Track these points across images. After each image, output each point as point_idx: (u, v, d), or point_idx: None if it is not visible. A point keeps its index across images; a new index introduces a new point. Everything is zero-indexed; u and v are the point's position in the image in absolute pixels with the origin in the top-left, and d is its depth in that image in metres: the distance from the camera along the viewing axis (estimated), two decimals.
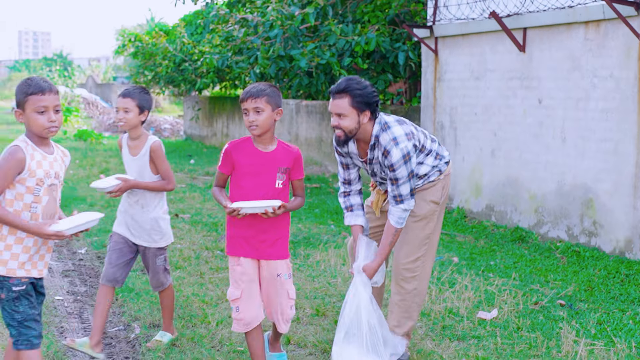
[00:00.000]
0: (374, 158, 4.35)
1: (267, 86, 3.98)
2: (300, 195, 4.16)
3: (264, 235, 4.03)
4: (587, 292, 6.22)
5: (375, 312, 4.26)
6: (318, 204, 10.08)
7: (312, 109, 14.11)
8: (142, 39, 19.92)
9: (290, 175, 4.07)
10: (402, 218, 4.34)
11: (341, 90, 4.17)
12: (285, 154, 4.05)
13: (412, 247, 4.54)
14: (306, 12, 10.64)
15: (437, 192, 4.54)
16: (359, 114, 4.17)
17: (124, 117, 4.57)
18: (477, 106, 9.13)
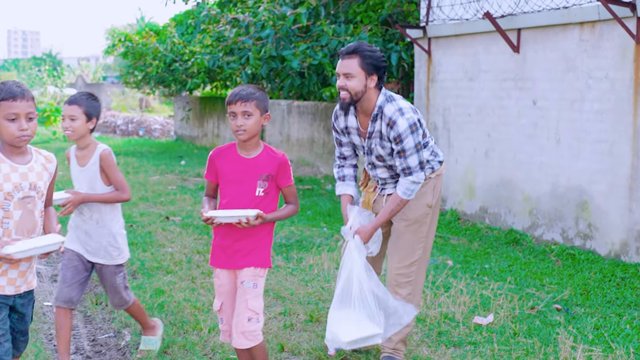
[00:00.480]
0: (374, 131, 4.27)
1: (257, 89, 3.83)
2: (292, 202, 3.96)
3: (240, 245, 3.83)
4: (583, 296, 6.16)
5: (371, 278, 4.19)
6: (310, 206, 9.99)
7: (304, 110, 14.01)
8: (132, 39, 19.78)
9: (277, 183, 3.86)
10: (409, 189, 4.26)
11: (351, 52, 4.18)
12: (268, 160, 3.83)
13: (405, 251, 4.46)
14: (298, 12, 10.54)
15: (429, 194, 4.46)
16: (367, 77, 4.16)
17: (71, 126, 4.29)
18: (471, 107, 9.06)
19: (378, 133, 4.27)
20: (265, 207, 3.81)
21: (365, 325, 4.14)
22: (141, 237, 7.83)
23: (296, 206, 3.96)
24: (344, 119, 4.42)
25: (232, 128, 3.80)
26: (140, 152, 17.34)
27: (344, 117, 4.41)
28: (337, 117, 4.48)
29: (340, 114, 4.44)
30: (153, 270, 6.51)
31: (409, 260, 4.46)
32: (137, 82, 21.48)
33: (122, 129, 25.67)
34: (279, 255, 7.08)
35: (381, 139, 4.27)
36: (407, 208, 4.41)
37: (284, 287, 6.04)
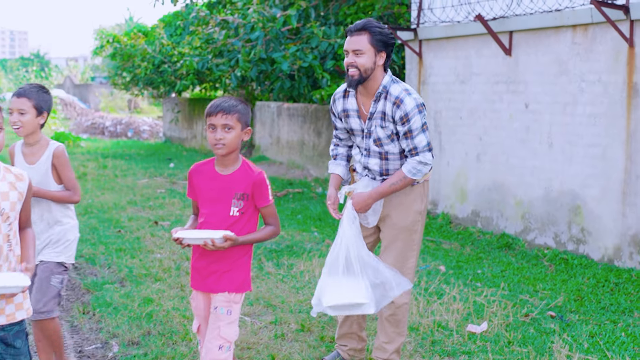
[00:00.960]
0: (375, 112, 4.19)
1: (239, 102, 3.60)
2: (272, 223, 3.68)
3: (214, 267, 3.59)
4: (577, 302, 6.09)
5: (360, 246, 4.13)
6: (301, 210, 9.90)
7: (294, 112, 13.93)
8: (121, 40, 19.62)
9: (254, 202, 3.60)
10: (416, 169, 4.19)
11: (360, 28, 4.13)
12: (243, 178, 3.58)
13: (398, 261, 4.37)
14: (288, 14, 10.45)
15: (418, 201, 4.37)
16: (376, 54, 4.11)
17: (19, 120, 3.98)
18: (462, 110, 8.99)
19: (380, 114, 4.19)
20: (240, 228, 3.57)
21: (349, 293, 4.07)
22: (129, 242, 7.72)
23: (276, 227, 3.70)
24: (342, 102, 4.34)
25: (210, 141, 3.58)
26: (129, 154, 17.21)
27: (343, 100, 4.33)
28: (335, 100, 4.40)
29: (338, 97, 4.37)
30: (141, 277, 6.40)
31: (403, 266, 4.37)
32: (126, 83, 21.33)
33: (111, 130, 25.51)
34: (269, 262, 6.99)
35: (383, 120, 4.19)
36: (397, 216, 4.33)
37: (275, 294, 5.94)
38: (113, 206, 9.82)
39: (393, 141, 4.22)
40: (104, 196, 10.67)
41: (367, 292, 4.04)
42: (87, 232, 8.21)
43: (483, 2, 8.37)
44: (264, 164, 14.61)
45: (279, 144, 14.74)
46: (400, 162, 4.28)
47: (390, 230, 4.36)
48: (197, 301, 3.74)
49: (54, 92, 32.97)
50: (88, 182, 12.09)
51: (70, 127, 26.06)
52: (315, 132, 13.04)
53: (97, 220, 8.89)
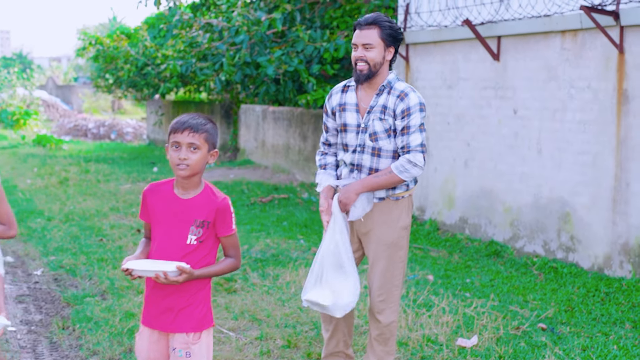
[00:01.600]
0: (376, 105, 4.11)
1: (207, 120, 3.28)
2: (232, 255, 3.33)
3: (169, 301, 3.23)
4: (567, 313, 5.99)
5: (326, 246, 4.09)
6: (286, 216, 9.76)
7: (280, 115, 13.79)
8: (103, 42, 19.40)
9: (215, 231, 3.27)
10: (403, 167, 4.08)
11: (370, 22, 4.05)
12: (205, 203, 3.25)
13: (386, 276, 4.24)
14: (273, 17, 10.30)
15: (404, 216, 4.26)
16: (385, 48, 4.06)
17: None
18: (450, 115, 8.88)
19: (380, 107, 4.11)
20: (198, 259, 3.22)
21: (316, 291, 4.08)
22: (111, 252, 7.55)
23: (237, 260, 3.35)
24: (340, 96, 4.26)
25: (171, 161, 3.23)
26: (112, 157, 17.01)
27: (341, 94, 4.26)
28: (332, 95, 4.31)
29: (336, 92, 4.29)
30: (123, 290, 6.24)
31: (390, 285, 4.25)
32: (108, 85, 21.12)
33: (94, 132, 25.26)
34: (254, 272, 6.85)
35: (382, 113, 4.11)
36: (382, 232, 4.21)
37: (260, 307, 5.80)
38: (95, 213, 9.65)
39: (389, 137, 4.12)
40: (85, 202, 10.49)
41: (327, 295, 4.02)
42: (68, 241, 8.05)
43: (471, 6, 8.27)
44: (249, 167, 14.46)
45: (264, 147, 14.60)
46: (391, 161, 4.17)
47: (375, 247, 4.23)
48: (145, 341, 3.31)
49: (36, 94, 32.62)
50: (70, 188, 11.90)
51: (52, 129, 25.77)
52: (301, 136, 12.91)
53: (78, 228, 8.72)
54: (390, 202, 4.21)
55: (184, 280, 3.11)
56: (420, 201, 9.44)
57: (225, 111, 16.65)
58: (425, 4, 9.08)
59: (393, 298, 4.26)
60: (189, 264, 3.15)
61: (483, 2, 8.17)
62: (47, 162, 15.58)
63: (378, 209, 4.20)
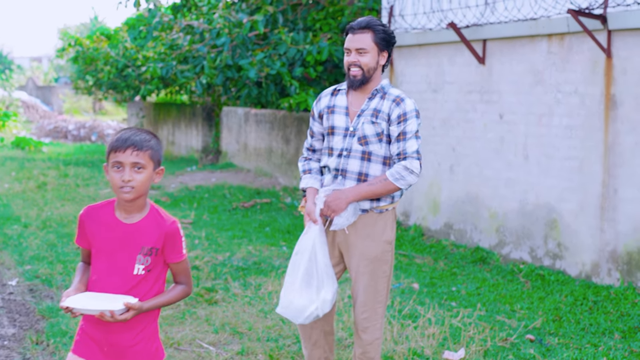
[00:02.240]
0: (367, 109, 3.98)
1: (151, 136, 2.97)
2: (183, 282, 3.04)
3: (113, 339, 2.93)
4: (555, 322, 5.88)
5: (324, 257, 3.94)
6: (269, 222, 9.59)
7: (262, 118, 13.62)
8: (83, 43, 19.13)
9: (164, 257, 2.98)
10: (400, 174, 3.92)
11: (364, 26, 3.93)
12: (153, 228, 2.94)
13: (369, 293, 4.07)
14: (255, 19, 10.13)
15: (388, 230, 4.08)
16: (379, 53, 3.95)
17: None
18: (435, 119, 8.75)
19: (372, 111, 3.98)
20: (146, 289, 2.94)
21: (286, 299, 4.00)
22: None
23: (188, 287, 3.05)
24: (329, 99, 4.12)
25: (114, 183, 2.90)
26: (92, 161, 16.76)
27: (330, 97, 4.12)
28: (321, 98, 4.17)
29: (325, 95, 4.15)
30: None
31: (374, 302, 4.07)
32: (88, 87, 20.86)
33: (74, 134, 24.96)
34: (235, 282, 6.68)
35: (375, 117, 3.97)
36: (365, 246, 4.03)
37: (242, 320, 5.64)
38: (73, 219, 9.44)
39: (380, 141, 3.97)
40: (63, 208, 10.27)
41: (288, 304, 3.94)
42: (45, 249, 7.84)
43: (456, 9, 8.14)
44: (231, 171, 14.28)
45: (246, 150, 14.43)
46: (381, 167, 4.00)
47: (357, 261, 4.05)
48: None
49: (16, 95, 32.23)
50: (48, 193, 11.67)
51: (32, 131, 25.46)
52: (283, 139, 12.74)
53: (55, 235, 8.51)
54: (374, 215, 4.05)
55: (132, 316, 2.83)
56: (404, 206, 9.31)
57: (207, 113, 16.46)
58: (409, 6, 8.95)
59: (377, 315, 4.09)
60: (136, 296, 2.88)
61: (468, 4, 8.05)
62: (25, 165, 15.32)
63: (361, 221, 4.04)
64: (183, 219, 9.61)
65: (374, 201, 4.02)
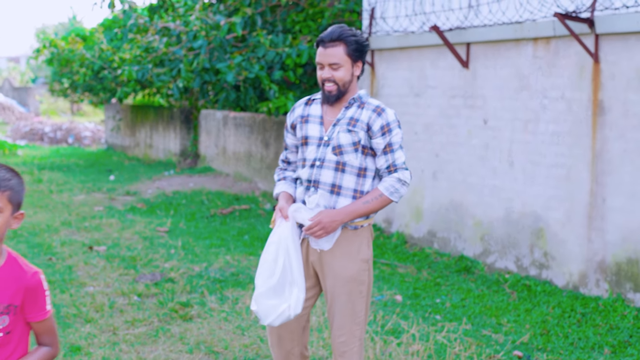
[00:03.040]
0: (343, 118, 3.78)
1: (13, 174, 2.59)
2: (47, 343, 2.66)
3: None
4: (543, 337, 5.68)
5: (298, 261, 3.68)
6: (248, 230, 9.35)
7: (241, 122, 13.36)
8: (58, 45, 18.76)
9: (24, 316, 2.60)
10: (394, 187, 3.73)
11: (335, 39, 3.70)
12: (10, 281, 2.54)
13: (346, 315, 3.81)
14: (233, 21, 9.86)
15: (365, 247, 3.83)
16: (353, 65, 3.75)
17: None
18: (417, 124, 8.54)
19: (348, 119, 3.78)
20: (6, 355, 2.56)
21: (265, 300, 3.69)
22: (60, 273, 7.08)
23: (54, 348, 2.68)
24: (303, 109, 3.91)
25: None
26: (67, 165, 16.42)
27: (304, 107, 3.92)
28: (295, 108, 3.96)
29: (299, 105, 3.95)
30: (70, 318, 5.78)
31: (351, 324, 3.82)
32: (64, 89, 20.49)
33: (50, 136, 24.57)
34: (212, 295, 6.43)
35: (351, 125, 3.76)
36: (341, 266, 3.78)
37: (218, 338, 5.39)
38: (45, 228, 9.15)
39: (356, 151, 3.75)
40: (36, 216, 9.97)
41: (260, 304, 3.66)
42: None
43: (439, 11, 7.93)
44: (210, 175, 14.01)
45: (225, 154, 14.16)
46: (355, 179, 3.77)
47: (333, 282, 3.79)
48: None
49: None
50: None
51: (7, 133, 25.02)
52: (263, 143, 12.50)
53: (26, 245, 8.22)
54: (348, 232, 3.80)
55: None
56: (387, 213, 9.09)
57: (186, 116, 16.18)
58: (391, 8, 8.73)
59: (354, 338, 3.84)
60: None
61: (452, 7, 7.84)
62: None
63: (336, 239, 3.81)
64: (159, 226, 9.35)
65: None
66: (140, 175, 14.44)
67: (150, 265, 7.45)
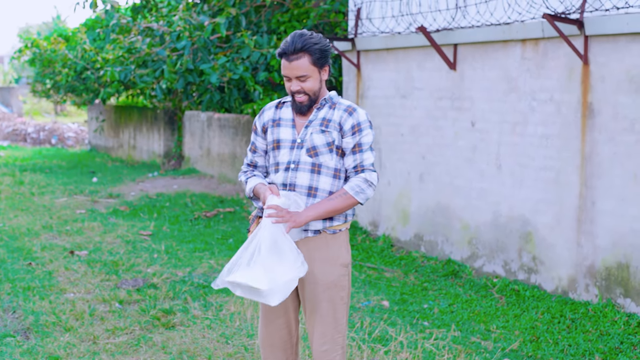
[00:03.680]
0: (316, 119, 3.69)
1: None
2: None
3: None
4: (533, 343, 5.59)
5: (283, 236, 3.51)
6: (232, 233, 9.21)
7: (225, 123, 13.21)
8: (40, 45, 18.52)
9: None
10: (360, 187, 3.64)
11: (298, 50, 3.59)
12: None
13: (328, 323, 3.70)
14: (217, 21, 9.71)
15: (344, 251, 3.74)
16: (320, 72, 3.67)
17: None
18: (404, 126, 8.43)
19: (321, 120, 3.70)
20: None
21: (244, 272, 3.45)
22: (40, 279, 6.92)
23: None
24: (274, 112, 3.81)
25: None
26: (50, 166, 16.21)
27: (275, 110, 3.82)
28: (264, 111, 3.85)
29: (269, 108, 3.85)
30: (49, 326, 5.63)
31: (333, 332, 3.71)
32: (46, 90, 20.25)
33: (33, 137, 24.31)
34: (195, 302, 6.30)
35: (324, 125, 3.68)
36: (321, 272, 3.68)
37: (201, 347, 5.25)
38: (26, 232, 8.97)
39: (331, 152, 3.66)
40: (17, 219, 9.78)
41: (271, 280, 3.43)
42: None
43: (426, 12, 7.83)
44: (194, 177, 13.85)
45: (209, 156, 14.01)
46: (331, 180, 3.68)
47: (313, 288, 3.68)
48: None
49: None
50: (1, 202, 11.15)
51: None
52: (247, 144, 12.35)
53: (5, 250, 8.05)
54: (327, 237, 3.70)
55: None
56: (373, 215, 8.98)
57: (170, 117, 16.01)
58: (377, 9, 8.62)
59: (337, 346, 3.73)
60: None
61: (439, 8, 7.74)
62: None
63: (314, 244, 3.69)
64: (142, 230, 9.19)
65: (326, 221, 3.69)
66: (123, 177, 14.25)
67: (133, 270, 7.30)
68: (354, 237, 8.79)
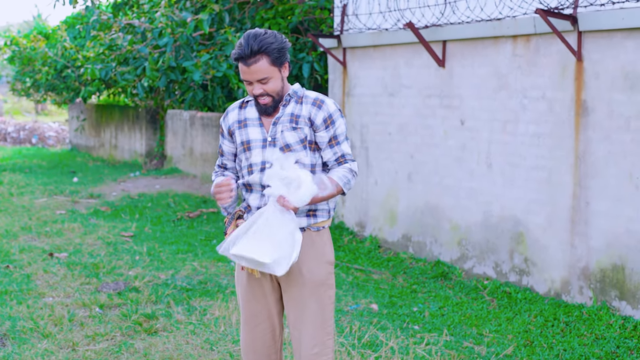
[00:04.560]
0: (283, 115, 3.54)
1: None
2: None
3: None
4: (527, 348, 5.43)
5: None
6: (216, 234, 9.00)
7: (208, 122, 13.00)
8: (20, 43, 18.20)
9: None
10: (347, 178, 3.53)
11: (255, 53, 3.42)
12: None
13: (317, 323, 3.55)
14: (200, 18, 9.49)
15: (328, 249, 3.61)
16: (280, 70, 3.52)
17: None
18: (391, 125, 8.26)
19: (289, 116, 3.54)
20: None
21: (247, 243, 3.32)
22: (17, 283, 6.68)
23: None
24: (238, 113, 3.65)
25: None
26: (30, 166, 15.92)
27: (239, 111, 3.65)
28: (228, 113, 3.69)
29: (232, 109, 3.68)
30: (26, 332, 5.41)
31: (323, 333, 3.56)
32: (26, 89, 19.93)
33: (13, 136, 23.97)
34: (179, 306, 6.09)
35: (294, 122, 3.53)
36: (308, 270, 3.53)
37: (185, 353, 5.06)
38: (4, 233, 8.72)
39: (305, 148, 3.53)
40: None
41: (275, 251, 3.32)
42: None
43: (414, 8, 7.65)
44: (177, 177, 13.63)
45: (192, 155, 13.79)
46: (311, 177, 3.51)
47: (300, 288, 3.54)
48: None
49: None
50: None
51: None
52: None
53: None
54: (312, 234, 3.56)
55: None
56: (360, 216, 8.80)
57: (152, 116, 15.76)
58: (364, 5, 8.44)
59: (328, 349, 3.57)
60: None
61: (427, 3, 7.57)
62: None
63: None
64: (124, 231, 8.97)
65: (311, 218, 3.55)
66: (104, 177, 14.01)
67: (114, 273, 7.09)
68: (341, 238, 8.62)
